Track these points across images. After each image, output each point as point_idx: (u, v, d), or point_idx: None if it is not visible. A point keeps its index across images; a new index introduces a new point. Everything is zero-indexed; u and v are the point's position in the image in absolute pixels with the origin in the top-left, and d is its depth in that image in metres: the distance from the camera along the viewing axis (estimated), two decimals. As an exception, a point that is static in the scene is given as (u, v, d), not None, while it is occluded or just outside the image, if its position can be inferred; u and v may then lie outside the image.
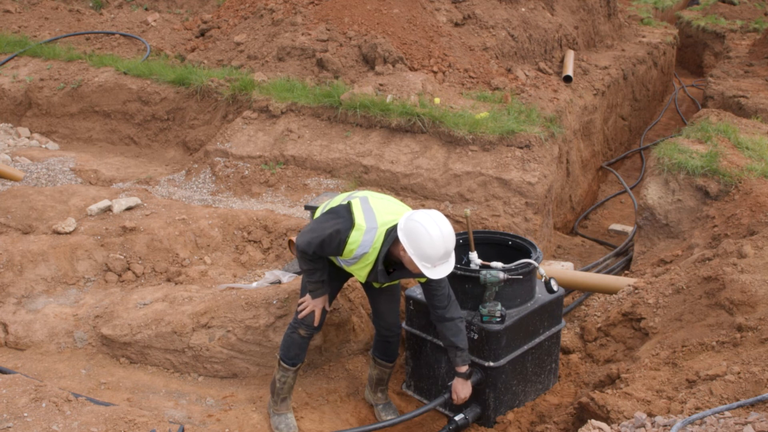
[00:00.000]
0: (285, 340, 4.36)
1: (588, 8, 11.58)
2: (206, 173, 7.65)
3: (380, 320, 4.49)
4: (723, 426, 3.03)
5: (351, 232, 3.84)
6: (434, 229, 3.70)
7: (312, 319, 4.24)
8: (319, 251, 3.97)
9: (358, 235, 3.85)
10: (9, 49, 10.25)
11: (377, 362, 4.62)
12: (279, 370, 4.37)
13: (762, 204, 5.97)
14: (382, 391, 4.72)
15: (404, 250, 3.77)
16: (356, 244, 3.86)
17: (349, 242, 3.86)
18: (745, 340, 3.96)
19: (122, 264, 5.51)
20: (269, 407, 4.45)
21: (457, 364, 4.21)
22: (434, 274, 3.75)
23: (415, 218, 3.76)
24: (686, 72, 17.86)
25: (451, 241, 3.75)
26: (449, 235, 3.74)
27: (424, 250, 3.69)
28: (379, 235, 3.87)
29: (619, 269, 6.88)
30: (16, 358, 4.82)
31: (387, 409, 4.69)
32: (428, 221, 3.71)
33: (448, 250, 3.76)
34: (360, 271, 4.06)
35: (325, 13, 9.06)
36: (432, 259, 3.71)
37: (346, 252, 3.91)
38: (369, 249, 3.88)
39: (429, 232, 3.68)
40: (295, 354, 4.33)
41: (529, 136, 7.19)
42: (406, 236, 3.73)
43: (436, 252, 3.69)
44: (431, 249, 3.68)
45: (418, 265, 3.71)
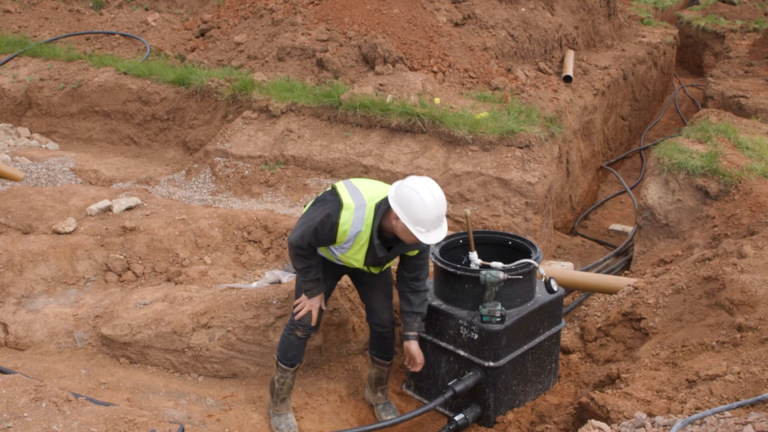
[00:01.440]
0: (282, 341, 4.35)
1: (588, 8, 11.59)
2: (206, 173, 7.65)
3: (374, 317, 4.49)
4: (723, 426, 3.03)
5: (341, 212, 3.84)
6: (426, 194, 3.71)
7: (309, 319, 4.23)
8: (314, 242, 3.95)
9: (348, 214, 3.84)
10: (9, 49, 10.25)
11: (375, 361, 4.62)
12: (277, 371, 4.37)
13: (762, 204, 5.97)
14: (382, 390, 4.72)
15: (397, 219, 3.77)
16: (348, 224, 3.85)
17: (341, 224, 3.84)
18: (745, 340, 3.96)
19: (122, 264, 5.51)
20: (269, 407, 4.45)
21: (414, 329, 4.29)
22: (429, 239, 3.74)
23: (406, 184, 3.77)
24: (686, 72, 17.86)
25: (443, 205, 3.76)
26: (441, 199, 3.75)
27: (417, 215, 3.69)
28: (368, 210, 3.87)
29: (619, 269, 6.88)
30: (16, 358, 4.82)
31: (387, 409, 4.69)
32: (420, 186, 3.73)
33: (441, 214, 3.76)
34: (356, 255, 4.02)
35: (325, 13, 9.06)
36: (425, 223, 3.70)
37: (339, 235, 3.89)
38: (362, 227, 3.87)
39: (421, 196, 3.69)
40: (293, 355, 4.33)
41: (529, 136, 7.19)
42: (399, 203, 3.74)
43: (429, 216, 3.69)
44: (424, 213, 3.68)
45: (413, 230, 3.70)
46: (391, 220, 3.85)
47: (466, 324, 4.46)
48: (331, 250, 4.11)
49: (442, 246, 4.79)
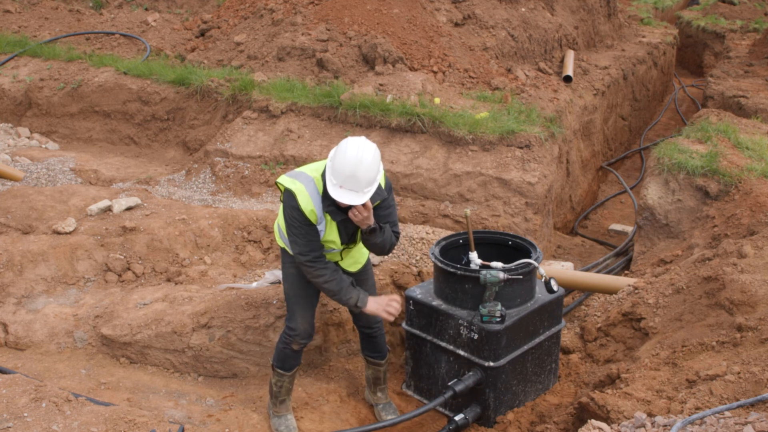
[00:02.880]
0: (279, 353, 4.30)
1: (588, 8, 11.59)
2: (206, 173, 7.65)
3: (360, 320, 4.46)
4: (723, 426, 3.03)
5: (297, 199, 3.84)
6: (353, 147, 3.66)
7: (305, 329, 4.19)
8: (313, 243, 3.94)
9: (303, 196, 3.84)
10: (9, 49, 10.25)
11: (369, 361, 4.61)
12: (274, 375, 4.35)
13: (762, 204, 5.97)
14: (381, 390, 4.71)
15: None
16: (310, 204, 3.85)
17: (303, 207, 3.84)
18: (745, 340, 3.96)
19: (122, 264, 5.51)
20: (269, 408, 4.45)
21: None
22: (336, 194, 3.67)
23: (347, 139, 3.77)
24: (686, 72, 17.86)
25: (364, 170, 3.62)
26: (365, 162, 3.63)
27: (335, 164, 3.67)
28: (317, 181, 3.87)
29: (619, 269, 6.88)
30: (16, 358, 4.82)
31: (387, 408, 4.69)
32: (353, 140, 3.71)
33: (356, 177, 3.62)
34: (331, 235, 3.99)
35: (325, 13, 9.06)
36: (339, 175, 3.64)
37: (314, 220, 3.89)
38: (320, 202, 3.87)
39: (348, 147, 3.67)
40: (290, 365, 4.31)
41: (529, 136, 7.19)
42: (331, 155, 3.77)
43: (343, 169, 3.62)
44: (340, 165, 3.64)
45: (328, 182, 3.67)
46: None
47: (466, 324, 4.46)
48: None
49: (442, 246, 4.79)
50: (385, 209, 4.05)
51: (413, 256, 5.79)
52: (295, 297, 4.22)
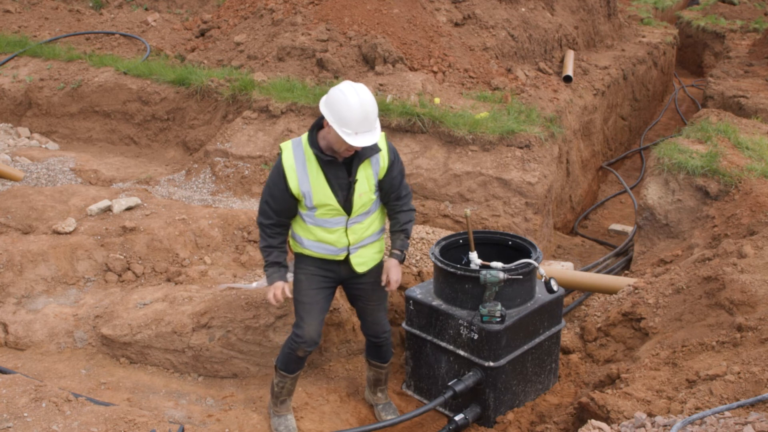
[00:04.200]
0: (284, 355, 4.28)
1: (588, 8, 11.59)
2: (206, 173, 7.65)
3: (368, 329, 4.45)
4: (723, 426, 3.03)
5: (282, 156, 3.86)
6: (352, 94, 3.67)
7: (311, 337, 4.15)
8: (272, 203, 3.94)
9: (287, 152, 3.86)
10: (9, 49, 10.25)
11: (372, 364, 4.61)
12: (276, 376, 4.34)
13: (762, 204, 5.97)
14: (381, 391, 4.71)
15: (327, 124, 3.74)
16: (291, 159, 3.84)
17: (285, 163, 3.84)
18: (745, 340, 3.96)
19: (122, 264, 5.51)
20: (269, 408, 4.45)
21: (398, 247, 4.25)
22: (355, 141, 3.67)
23: (336, 87, 3.75)
24: (686, 72, 17.86)
25: (371, 108, 3.68)
26: (369, 101, 3.69)
27: (343, 115, 3.64)
28: (304, 141, 3.88)
29: (619, 269, 6.88)
30: (16, 358, 4.82)
31: (387, 408, 4.69)
32: (347, 87, 3.70)
33: (369, 117, 3.67)
34: (323, 193, 3.90)
35: (325, 13, 9.06)
36: (351, 124, 3.64)
37: (290, 179, 3.84)
38: (303, 156, 3.85)
39: (347, 96, 3.66)
40: (294, 368, 4.29)
41: (529, 136, 7.19)
42: (327, 105, 3.72)
43: (355, 116, 3.63)
44: (349, 113, 3.63)
45: (339, 132, 3.65)
46: (325, 130, 3.82)
47: (466, 324, 4.46)
48: (306, 219, 4.00)
49: (442, 246, 4.79)
50: (397, 171, 4.07)
51: (413, 256, 5.79)
52: (303, 304, 4.17)
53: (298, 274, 4.21)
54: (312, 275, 4.16)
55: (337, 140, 3.74)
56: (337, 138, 3.71)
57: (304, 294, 4.18)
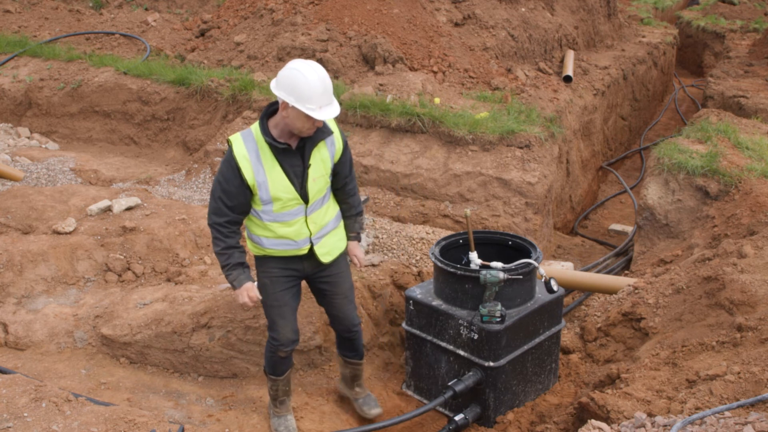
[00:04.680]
0: (268, 359, 4.23)
1: (588, 8, 11.59)
2: (206, 173, 7.65)
3: (338, 324, 4.36)
4: (723, 426, 3.03)
5: (233, 149, 3.75)
6: (308, 70, 3.63)
7: (288, 338, 4.11)
8: (227, 200, 3.79)
9: (238, 144, 3.75)
10: (9, 49, 10.26)
11: (348, 362, 4.52)
12: (268, 381, 4.31)
13: (762, 204, 5.97)
14: (359, 385, 4.63)
15: (286, 108, 3.67)
16: (242, 149, 3.73)
17: (237, 155, 3.72)
18: (745, 340, 3.96)
19: (122, 264, 5.51)
20: (269, 408, 4.44)
21: (356, 230, 4.29)
22: (321, 115, 3.64)
23: (287, 67, 3.69)
24: (686, 72, 17.85)
25: (328, 81, 3.67)
26: (325, 74, 3.67)
27: (303, 92, 3.59)
28: (255, 132, 3.79)
29: (619, 269, 6.88)
30: (16, 358, 4.82)
31: (368, 400, 4.61)
32: (301, 65, 3.66)
33: (327, 90, 3.66)
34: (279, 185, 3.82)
35: (325, 13, 9.06)
36: (313, 99, 3.59)
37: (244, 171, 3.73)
38: (255, 144, 3.76)
39: (303, 72, 3.61)
40: (281, 370, 4.24)
41: (529, 136, 7.19)
42: (283, 87, 3.64)
43: (316, 90, 3.59)
44: (310, 88, 3.59)
45: (303, 109, 3.59)
46: (280, 112, 3.73)
47: (466, 324, 4.46)
48: (261, 215, 3.89)
49: (442, 246, 4.79)
50: (349, 153, 4.08)
51: (413, 256, 5.79)
52: (273, 307, 4.09)
53: (261, 278, 4.07)
54: (276, 277, 4.05)
55: (299, 120, 3.66)
56: (299, 118, 3.64)
57: (273, 298, 4.07)
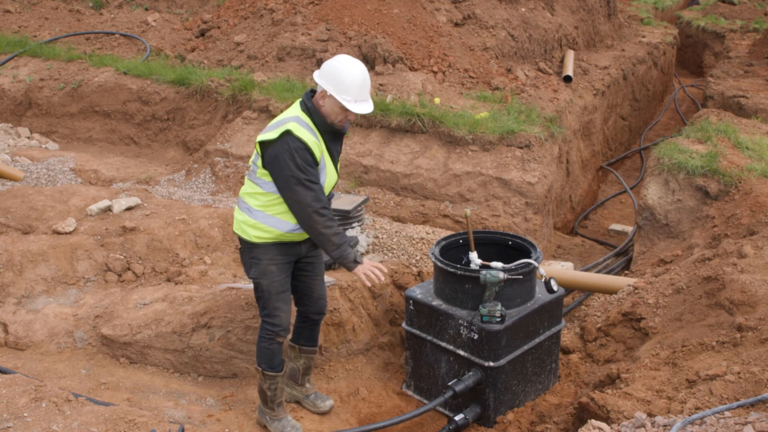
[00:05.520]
0: (263, 352, 4.18)
1: (588, 8, 11.59)
2: (206, 173, 7.65)
3: (313, 305, 4.35)
4: (723, 426, 3.03)
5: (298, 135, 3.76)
6: (351, 64, 3.82)
7: (288, 322, 4.13)
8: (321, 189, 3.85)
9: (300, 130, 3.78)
10: (9, 49, 10.26)
11: (303, 350, 4.48)
12: (266, 380, 4.21)
13: (762, 204, 5.97)
14: (309, 381, 4.60)
15: (323, 98, 3.82)
16: (309, 135, 3.80)
17: (306, 139, 3.77)
18: (745, 340, 3.96)
19: (122, 264, 5.51)
20: (262, 416, 4.32)
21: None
22: (356, 108, 3.81)
23: (331, 60, 3.85)
24: (686, 72, 17.85)
25: (368, 77, 3.87)
26: (366, 72, 3.87)
27: (343, 82, 3.76)
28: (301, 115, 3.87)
29: (619, 269, 6.88)
30: (16, 358, 4.82)
31: (319, 395, 4.59)
32: (345, 58, 3.85)
33: (366, 85, 3.84)
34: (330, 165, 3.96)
35: (325, 13, 9.06)
36: (351, 91, 3.78)
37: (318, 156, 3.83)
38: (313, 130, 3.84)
39: (346, 66, 3.80)
40: (278, 362, 4.21)
41: (529, 136, 7.19)
42: (324, 77, 3.81)
43: (355, 83, 3.78)
44: (350, 80, 3.77)
45: (340, 99, 3.75)
46: (318, 100, 3.87)
47: (466, 324, 4.46)
48: None
49: (442, 246, 4.79)
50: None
51: (413, 256, 5.79)
52: (277, 293, 4.09)
53: (268, 265, 4.04)
54: (282, 264, 4.07)
55: (334, 110, 3.83)
56: (335, 107, 3.81)
57: (279, 284, 4.08)
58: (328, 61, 3.87)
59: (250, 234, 4.02)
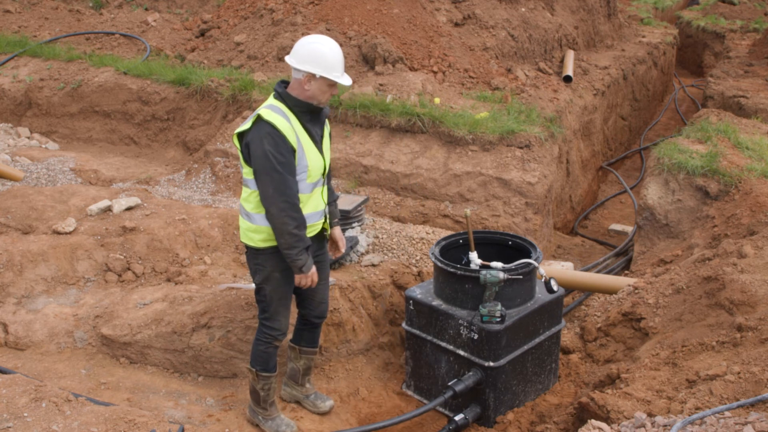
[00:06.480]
0: (260, 355, 4.17)
1: (588, 8, 11.59)
2: (206, 173, 7.65)
3: (315, 309, 4.35)
4: (723, 426, 3.03)
5: (269, 120, 3.73)
6: (326, 41, 3.87)
7: (287, 327, 4.15)
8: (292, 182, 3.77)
9: (270, 114, 3.75)
10: (9, 49, 10.25)
11: (304, 351, 4.48)
12: (259, 381, 4.20)
13: (762, 204, 5.97)
14: (309, 381, 4.60)
15: (309, 81, 3.81)
16: (282, 121, 3.75)
17: (277, 123, 3.73)
18: (745, 340, 3.96)
19: (122, 264, 5.51)
20: (254, 416, 4.31)
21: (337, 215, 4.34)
22: (345, 80, 3.89)
23: (304, 43, 3.86)
24: (686, 72, 17.85)
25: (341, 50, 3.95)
26: (337, 44, 3.94)
27: (327, 61, 3.80)
28: (275, 103, 3.85)
29: (619, 269, 6.88)
30: (16, 358, 4.82)
31: (319, 395, 4.59)
32: (317, 38, 3.90)
33: (343, 58, 3.94)
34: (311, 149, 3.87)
35: (325, 13, 9.06)
36: (336, 66, 3.84)
37: (290, 139, 3.76)
38: (286, 114, 3.81)
39: (323, 44, 3.84)
40: (274, 363, 4.22)
41: (529, 136, 7.19)
42: (308, 61, 3.79)
43: (337, 58, 3.85)
44: (333, 57, 3.83)
45: (330, 77, 3.79)
46: (302, 89, 3.84)
47: (466, 324, 4.46)
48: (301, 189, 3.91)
49: (442, 246, 4.79)
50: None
51: (413, 256, 5.79)
52: (279, 299, 4.08)
53: (272, 272, 4.00)
54: (287, 270, 4.00)
55: (322, 89, 3.84)
56: (322, 86, 3.83)
57: (281, 291, 4.07)
58: (303, 46, 3.82)
59: (255, 239, 3.97)
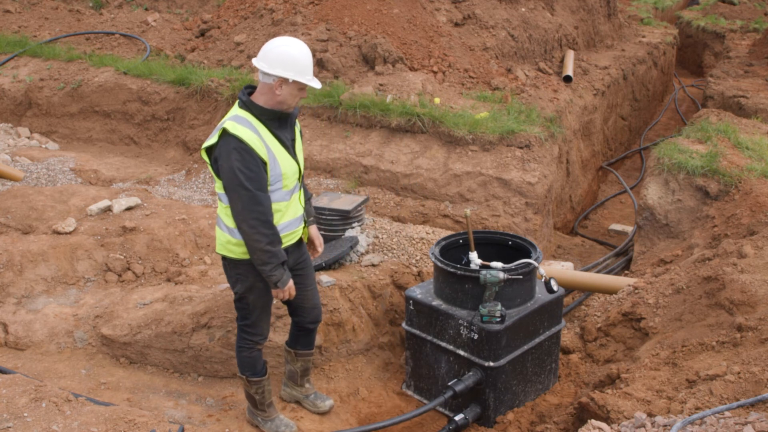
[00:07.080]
0: (245, 361, 4.14)
1: (588, 8, 11.59)
2: (206, 173, 7.65)
3: (308, 316, 4.31)
4: (723, 426, 3.03)
5: (236, 133, 3.63)
6: (295, 44, 3.80)
7: (268, 332, 4.14)
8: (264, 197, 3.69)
9: (236, 128, 3.66)
10: (9, 49, 10.26)
11: (301, 354, 4.45)
12: (252, 385, 4.18)
13: (762, 204, 5.97)
14: (308, 381, 4.59)
15: (281, 86, 3.72)
16: (248, 133, 3.65)
17: (244, 137, 3.62)
18: (745, 340, 3.96)
19: (122, 264, 5.51)
20: (253, 417, 4.31)
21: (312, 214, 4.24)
22: (316, 83, 3.84)
23: (272, 47, 3.77)
24: (686, 72, 17.85)
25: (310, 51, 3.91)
26: (306, 46, 3.89)
27: (300, 63, 3.74)
28: (240, 113, 3.75)
29: (619, 269, 6.88)
30: (16, 358, 4.82)
31: (319, 395, 4.58)
32: (286, 41, 3.82)
33: (312, 61, 3.89)
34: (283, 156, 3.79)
35: (325, 13, 9.06)
36: (307, 69, 3.79)
37: (260, 152, 3.66)
38: (252, 125, 3.72)
39: (292, 47, 3.77)
40: (261, 366, 4.19)
41: (529, 136, 7.19)
42: (280, 66, 3.69)
43: (307, 61, 3.79)
44: (304, 59, 3.78)
45: (303, 80, 3.73)
46: (272, 94, 3.74)
47: (466, 324, 4.46)
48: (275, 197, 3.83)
49: (442, 246, 4.79)
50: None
51: (413, 256, 5.79)
52: (260, 308, 4.06)
53: (255, 282, 3.93)
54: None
55: (293, 93, 3.77)
56: (293, 90, 3.75)
57: (263, 301, 4.04)
58: (272, 50, 3.74)
59: (236, 252, 3.88)
